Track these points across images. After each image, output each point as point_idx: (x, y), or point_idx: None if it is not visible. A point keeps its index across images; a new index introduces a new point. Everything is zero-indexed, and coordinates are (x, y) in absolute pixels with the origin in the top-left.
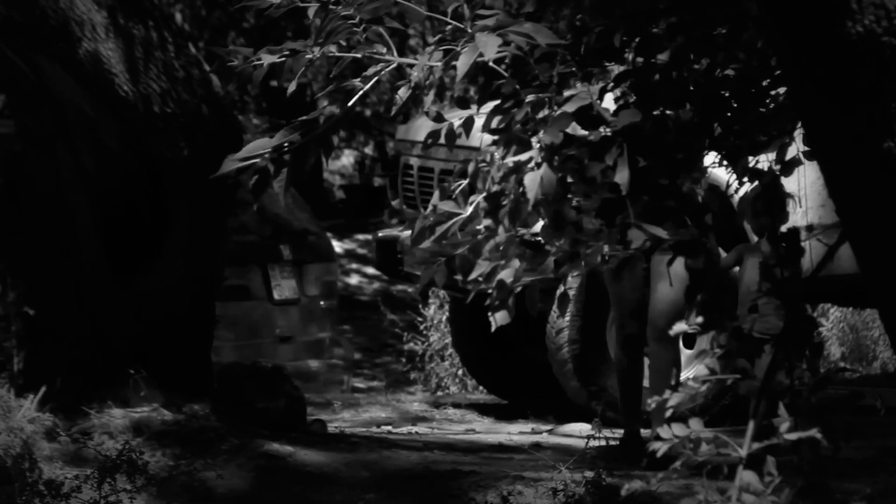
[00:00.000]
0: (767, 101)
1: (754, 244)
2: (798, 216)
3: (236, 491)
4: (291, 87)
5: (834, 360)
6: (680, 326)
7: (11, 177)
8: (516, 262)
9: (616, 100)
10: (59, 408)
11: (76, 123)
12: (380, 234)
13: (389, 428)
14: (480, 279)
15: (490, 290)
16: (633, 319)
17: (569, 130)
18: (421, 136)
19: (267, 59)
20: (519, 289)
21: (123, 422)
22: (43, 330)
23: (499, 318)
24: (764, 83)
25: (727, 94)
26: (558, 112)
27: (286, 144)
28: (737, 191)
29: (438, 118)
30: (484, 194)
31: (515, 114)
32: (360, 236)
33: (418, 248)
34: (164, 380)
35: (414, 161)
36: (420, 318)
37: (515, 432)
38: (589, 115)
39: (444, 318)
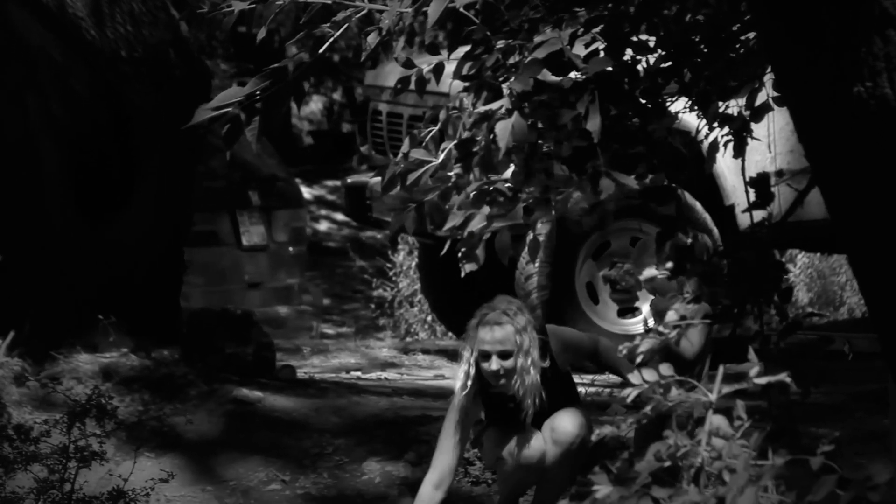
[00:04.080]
0: (737, 46)
1: None
2: (767, 161)
3: (206, 436)
4: (261, 33)
5: (802, 305)
6: (650, 272)
7: None
8: (486, 209)
9: (586, 46)
10: (27, 353)
11: (45, 70)
12: (349, 180)
13: (359, 374)
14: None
15: (460, 237)
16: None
17: (539, 77)
18: (390, 82)
19: (237, 5)
20: (488, 235)
21: (92, 367)
22: (12, 275)
23: (468, 265)
24: (734, 28)
25: (697, 40)
26: (529, 58)
27: (258, 93)
28: (706, 136)
29: (408, 64)
30: (455, 141)
31: (486, 60)
32: (329, 182)
33: (388, 194)
34: (133, 325)
35: (383, 107)
36: (389, 265)
37: None
38: (559, 62)
39: (414, 264)
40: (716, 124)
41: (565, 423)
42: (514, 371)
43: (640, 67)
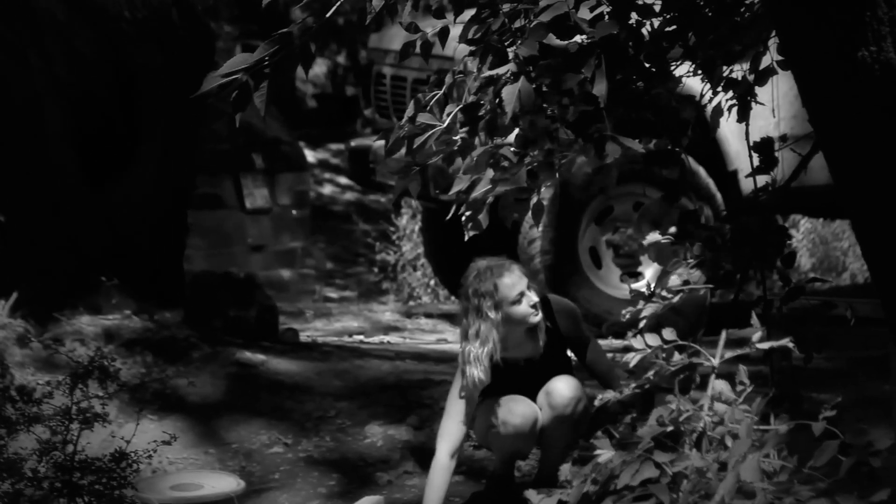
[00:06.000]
0: (742, 10)
1: None
2: (771, 126)
3: (208, 399)
4: None
5: (804, 271)
6: (653, 236)
7: None
8: (490, 173)
9: (591, 9)
10: (30, 314)
11: (49, 30)
12: (352, 144)
13: (361, 337)
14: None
15: (464, 200)
16: None
17: (545, 41)
18: (394, 45)
19: None
20: (492, 199)
21: (95, 329)
22: (15, 236)
23: (472, 228)
24: None
25: (702, 4)
26: (534, 22)
27: (266, 58)
28: (710, 101)
29: (413, 29)
30: (460, 105)
31: (492, 24)
32: (333, 146)
33: (392, 157)
34: (136, 288)
35: (387, 70)
36: (393, 228)
37: None
38: (565, 25)
39: (417, 228)
40: (720, 88)
41: (561, 386)
42: (538, 303)
43: (644, 31)
